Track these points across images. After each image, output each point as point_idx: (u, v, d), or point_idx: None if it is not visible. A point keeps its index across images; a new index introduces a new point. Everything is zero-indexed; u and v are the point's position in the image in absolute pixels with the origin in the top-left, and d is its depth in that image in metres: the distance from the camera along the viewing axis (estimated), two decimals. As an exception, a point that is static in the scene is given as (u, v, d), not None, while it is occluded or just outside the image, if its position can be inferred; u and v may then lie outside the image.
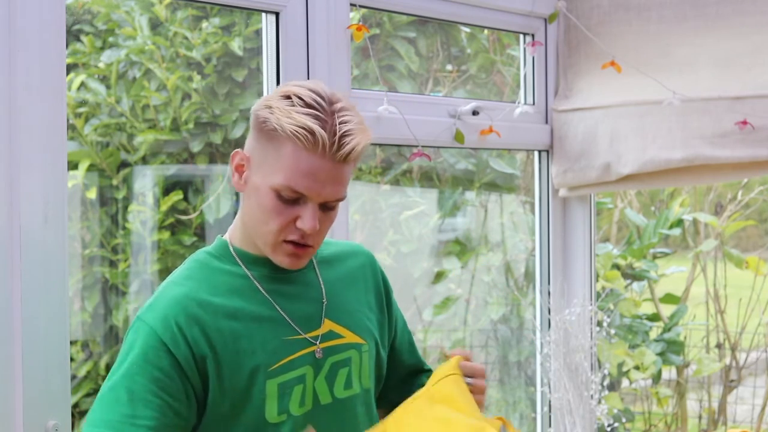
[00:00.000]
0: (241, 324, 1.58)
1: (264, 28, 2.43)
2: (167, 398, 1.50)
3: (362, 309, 1.75)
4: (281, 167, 1.55)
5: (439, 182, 3.95)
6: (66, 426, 1.89)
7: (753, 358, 4.33)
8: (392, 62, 3.70)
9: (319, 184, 1.55)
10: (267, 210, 1.57)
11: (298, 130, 1.52)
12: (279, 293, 1.64)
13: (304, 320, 1.65)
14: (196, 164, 3.52)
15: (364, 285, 1.78)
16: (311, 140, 1.52)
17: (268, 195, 1.57)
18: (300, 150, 1.53)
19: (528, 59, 3.12)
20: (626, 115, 2.94)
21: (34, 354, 1.85)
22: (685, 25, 2.98)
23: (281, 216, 1.57)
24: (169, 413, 1.49)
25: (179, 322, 1.54)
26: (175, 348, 1.52)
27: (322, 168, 1.54)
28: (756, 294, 4.18)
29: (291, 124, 1.53)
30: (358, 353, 1.70)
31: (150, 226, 3.50)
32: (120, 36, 3.50)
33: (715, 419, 4.27)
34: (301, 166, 1.54)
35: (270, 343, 1.59)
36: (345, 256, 1.79)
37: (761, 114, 2.73)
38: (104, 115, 3.50)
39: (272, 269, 1.65)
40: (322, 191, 1.56)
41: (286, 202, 1.56)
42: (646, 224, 4.17)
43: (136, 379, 1.50)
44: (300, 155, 1.53)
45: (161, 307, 1.56)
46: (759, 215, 5.07)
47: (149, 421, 1.47)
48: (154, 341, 1.52)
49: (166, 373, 1.51)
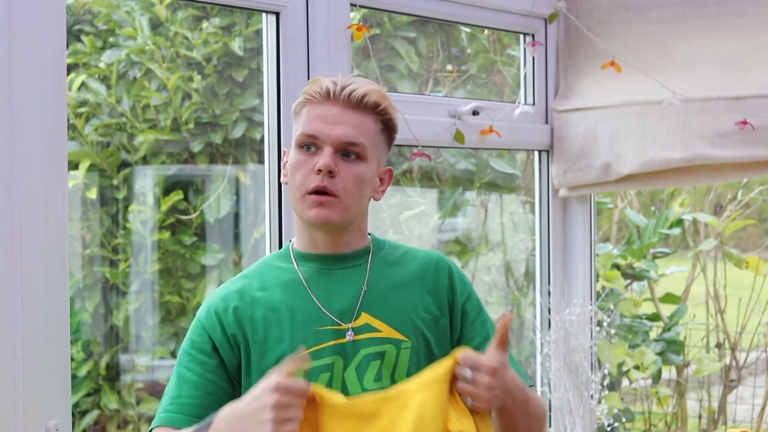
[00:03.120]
0: (275, 314, 1.70)
1: (264, 28, 2.43)
2: (209, 375, 1.68)
3: (413, 308, 1.75)
4: (300, 125, 1.72)
5: (439, 182, 3.95)
6: (66, 426, 1.89)
7: (753, 358, 4.32)
8: (392, 62, 3.70)
9: (329, 125, 1.68)
10: (293, 168, 1.71)
11: (309, 89, 1.72)
12: (320, 286, 1.73)
13: (340, 312, 1.71)
14: (196, 164, 3.52)
15: (422, 286, 1.78)
16: (319, 92, 1.70)
17: (294, 155, 1.72)
18: (312, 105, 1.71)
19: (528, 59, 3.12)
20: (626, 115, 2.94)
21: (34, 354, 1.85)
22: (685, 25, 2.98)
23: (303, 166, 1.69)
24: (210, 387, 1.67)
25: (218, 311, 1.71)
26: (212, 332, 1.70)
27: (331, 111, 1.69)
28: (756, 294, 4.17)
29: (305, 90, 1.73)
30: (395, 348, 1.71)
31: (150, 226, 3.50)
32: (120, 36, 3.50)
33: (715, 419, 4.27)
34: (314, 114, 1.70)
35: (300, 333, 1.68)
36: (410, 260, 1.81)
37: (761, 114, 2.73)
38: (105, 115, 3.50)
39: (320, 265, 1.74)
40: (332, 132, 1.68)
41: (307, 153, 1.70)
42: (646, 224, 4.17)
43: (183, 364, 1.70)
44: (313, 108, 1.70)
45: (210, 301, 1.74)
46: (759, 215, 5.07)
47: (191, 399, 1.66)
48: (200, 329, 1.71)
49: (208, 354, 1.69)
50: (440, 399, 1.59)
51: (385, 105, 1.73)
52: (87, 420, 3.51)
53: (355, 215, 1.74)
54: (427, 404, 1.58)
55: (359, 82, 1.72)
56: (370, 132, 1.72)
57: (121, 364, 3.59)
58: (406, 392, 1.59)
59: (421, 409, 1.57)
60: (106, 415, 3.58)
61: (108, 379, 3.56)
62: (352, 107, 1.70)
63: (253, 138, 3.49)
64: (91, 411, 3.53)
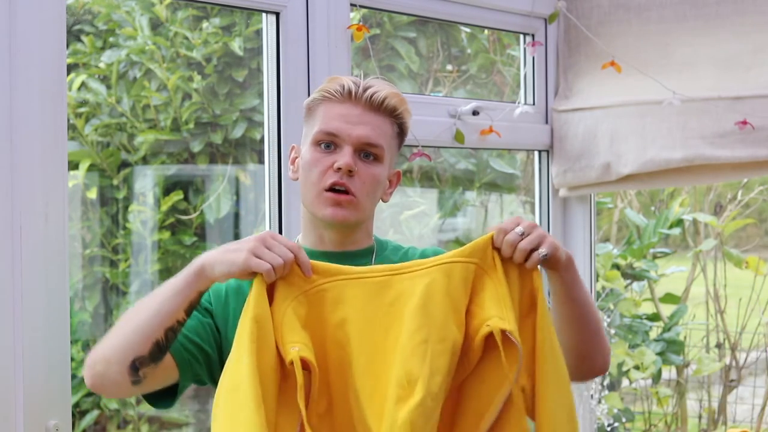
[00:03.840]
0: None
1: (264, 28, 2.43)
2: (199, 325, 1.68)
3: None
4: (317, 122, 1.71)
5: (439, 182, 3.95)
6: (66, 426, 1.89)
7: (753, 358, 4.33)
8: (392, 62, 3.71)
9: (350, 125, 1.68)
10: (309, 164, 1.71)
11: (328, 87, 1.72)
12: None
13: None
14: (196, 164, 3.52)
15: None
16: (339, 91, 1.70)
17: (308, 151, 1.72)
18: (331, 103, 1.71)
19: (528, 59, 3.12)
20: (626, 115, 2.94)
21: (34, 354, 1.85)
22: (685, 25, 2.98)
23: (320, 163, 1.69)
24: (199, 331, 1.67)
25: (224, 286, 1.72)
26: (214, 297, 1.72)
27: (353, 112, 1.70)
28: (756, 294, 4.18)
29: (323, 88, 1.73)
30: None
31: (150, 226, 3.50)
32: (120, 36, 3.50)
33: (715, 419, 4.27)
34: (333, 113, 1.70)
35: None
36: (410, 257, 1.81)
37: (761, 114, 2.73)
38: (105, 115, 3.50)
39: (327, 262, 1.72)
40: (353, 132, 1.68)
41: (324, 150, 1.70)
42: (646, 224, 4.17)
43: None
44: (332, 106, 1.71)
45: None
46: (759, 215, 5.07)
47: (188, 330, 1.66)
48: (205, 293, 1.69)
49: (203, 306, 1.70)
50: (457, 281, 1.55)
51: (402, 109, 1.75)
52: (87, 420, 3.51)
53: (367, 216, 1.75)
54: (438, 285, 1.53)
55: (380, 84, 1.73)
56: (387, 135, 1.73)
57: (121, 364, 3.59)
58: (421, 263, 1.56)
59: (431, 286, 1.53)
60: (106, 415, 3.58)
61: (108, 379, 3.55)
62: (374, 109, 1.70)
63: (253, 138, 3.49)
64: (91, 411, 3.53)
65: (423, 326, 1.50)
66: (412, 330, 1.50)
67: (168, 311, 1.57)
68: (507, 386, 1.52)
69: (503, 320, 1.52)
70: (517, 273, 1.60)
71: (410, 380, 1.47)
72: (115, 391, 1.63)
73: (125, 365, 1.57)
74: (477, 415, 1.55)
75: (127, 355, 1.57)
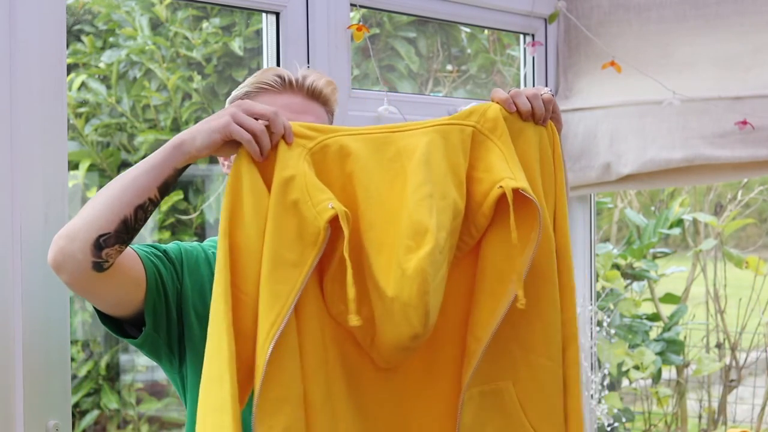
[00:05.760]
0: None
1: (264, 28, 2.43)
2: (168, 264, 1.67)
3: None
4: None
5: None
6: (66, 426, 1.89)
7: (753, 358, 4.33)
8: (392, 62, 3.71)
9: (296, 114, 1.63)
10: None
11: (263, 78, 1.69)
12: None
13: None
14: (196, 164, 3.52)
15: None
16: (279, 82, 1.67)
17: None
18: (270, 94, 1.67)
19: (528, 59, 3.12)
20: (626, 115, 2.94)
21: (34, 354, 1.85)
22: (685, 25, 2.98)
23: None
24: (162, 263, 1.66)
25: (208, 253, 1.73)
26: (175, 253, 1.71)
27: (295, 101, 1.67)
28: (756, 294, 4.17)
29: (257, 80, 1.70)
30: None
31: (150, 226, 3.50)
32: (120, 36, 3.50)
33: (715, 419, 4.27)
34: (276, 104, 1.61)
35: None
36: None
37: (761, 114, 2.73)
38: (105, 115, 3.50)
39: None
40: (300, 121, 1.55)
41: None
42: (646, 224, 4.17)
43: None
44: (272, 98, 1.66)
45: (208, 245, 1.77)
46: (759, 215, 5.07)
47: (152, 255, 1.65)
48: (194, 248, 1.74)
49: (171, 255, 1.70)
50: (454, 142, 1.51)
51: (334, 99, 1.75)
52: (87, 420, 3.51)
53: None
54: (436, 145, 1.49)
55: (315, 74, 1.72)
56: (326, 122, 1.72)
57: (121, 364, 3.60)
58: (419, 124, 1.52)
59: (431, 144, 1.49)
60: (106, 415, 3.58)
61: (108, 379, 3.56)
62: (313, 98, 1.70)
63: (253, 138, 3.48)
64: (91, 411, 3.54)
65: (427, 181, 1.46)
66: (417, 183, 1.46)
67: (140, 186, 1.48)
68: (531, 247, 1.46)
69: (514, 180, 1.47)
70: (529, 132, 1.60)
71: (420, 230, 1.43)
72: (75, 271, 1.50)
73: (89, 242, 1.47)
74: (501, 283, 1.49)
75: (92, 231, 1.47)
